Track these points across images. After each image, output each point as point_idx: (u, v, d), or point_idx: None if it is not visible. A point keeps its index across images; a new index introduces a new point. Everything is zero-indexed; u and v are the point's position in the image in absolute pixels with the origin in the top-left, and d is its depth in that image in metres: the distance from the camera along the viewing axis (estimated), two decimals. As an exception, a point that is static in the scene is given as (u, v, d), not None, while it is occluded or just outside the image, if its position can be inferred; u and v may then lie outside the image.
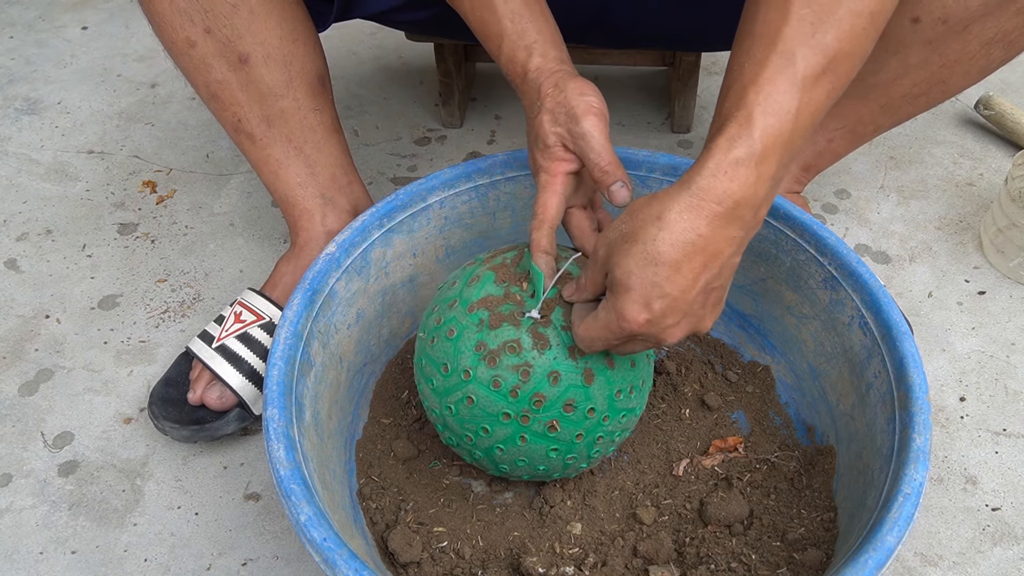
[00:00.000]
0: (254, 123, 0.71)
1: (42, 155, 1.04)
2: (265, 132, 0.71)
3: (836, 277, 0.64)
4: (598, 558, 0.60)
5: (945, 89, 0.70)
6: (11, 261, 0.91)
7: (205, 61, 0.67)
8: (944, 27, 0.64)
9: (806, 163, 0.81)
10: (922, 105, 0.72)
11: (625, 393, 0.56)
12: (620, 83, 1.15)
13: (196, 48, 0.66)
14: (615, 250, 0.47)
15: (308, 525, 0.47)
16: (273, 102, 0.70)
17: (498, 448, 0.56)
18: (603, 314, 0.49)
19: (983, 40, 0.65)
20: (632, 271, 0.46)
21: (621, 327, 0.47)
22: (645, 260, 0.45)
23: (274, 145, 0.72)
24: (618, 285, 0.47)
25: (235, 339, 0.71)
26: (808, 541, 0.59)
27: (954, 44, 0.65)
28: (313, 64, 0.72)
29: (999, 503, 0.69)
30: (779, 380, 0.72)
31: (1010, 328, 0.82)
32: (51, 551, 0.66)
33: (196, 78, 0.69)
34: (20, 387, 0.78)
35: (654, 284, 0.45)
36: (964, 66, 0.67)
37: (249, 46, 0.67)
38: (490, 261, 0.59)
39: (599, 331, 0.49)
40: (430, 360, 0.57)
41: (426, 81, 1.16)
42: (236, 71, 0.68)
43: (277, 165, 0.73)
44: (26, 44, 1.24)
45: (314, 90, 0.72)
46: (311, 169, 0.74)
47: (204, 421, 0.70)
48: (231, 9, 0.65)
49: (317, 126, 0.73)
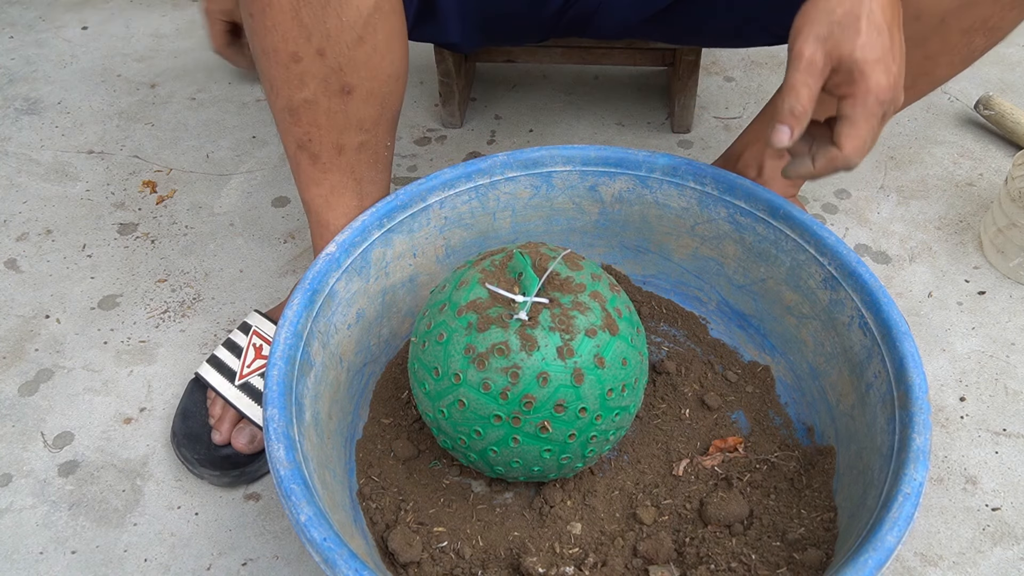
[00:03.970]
0: (325, 147, 0.67)
1: (42, 155, 1.04)
2: (333, 159, 0.68)
3: (836, 277, 0.64)
4: (598, 558, 0.60)
5: (931, 80, 0.69)
6: (11, 261, 0.91)
7: (301, 79, 0.63)
8: (919, 24, 0.64)
9: None
10: (910, 98, 0.71)
11: (617, 392, 0.56)
12: (620, 83, 1.15)
13: (299, 64, 0.62)
14: (837, 39, 0.51)
15: (308, 525, 0.47)
16: (355, 135, 0.66)
17: (492, 450, 0.56)
18: (858, 110, 0.52)
19: (962, 29, 0.64)
20: (870, 45, 0.50)
21: (880, 104, 0.51)
22: (876, 31, 0.50)
23: (336, 172, 0.69)
24: (864, 64, 0.50)
25: (260, 376, 0.70)
26: (808, 541, 0.59)
27: (933, 38, 0.65)
28: (398, 102, 0.69)
29: (999, 503, 0.69)
30: (779, 380, 0.72)
31: (1010, 328, 0.82)
32: (51, 551, 0.66)
33: (282, 90, 0.64)
34: (20, 387, 0.78)
35: (885, 49, 0.50)
36: (947, 57, 0.67)
37: (358, 80, 0.63)
38: (479, 264, 0.59)
39: (865, 126, 0.52)
40: (422, 364, 0.58)
41: (426, 81, 1.16)
42: (332, 98, 0.64)
43: (331, 191, 0.70)
44: (26, 44, 1.24)
45: (392, 126, 0.70)
46: (360, 202, 0.71)
47: (240, 464, 0.69)
48: (356, 41, 0.61)
49: (380, 162, 0.71)
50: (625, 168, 0.72)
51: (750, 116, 1.09)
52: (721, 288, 0.75)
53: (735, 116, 1.10)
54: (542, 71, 1.18)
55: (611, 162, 0.72)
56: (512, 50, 1.05)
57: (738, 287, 0.73)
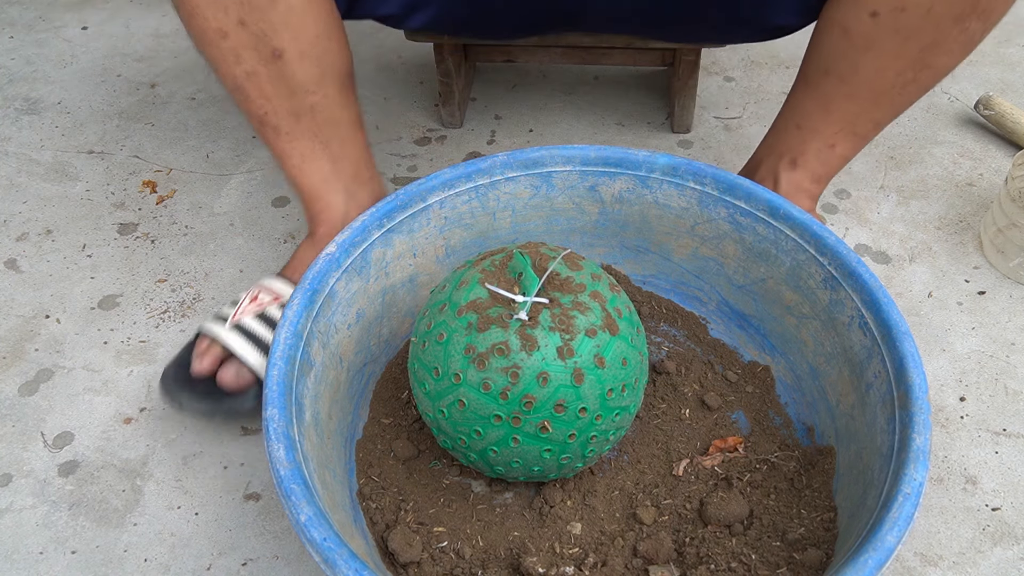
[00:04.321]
0: (281, 116, 0.70)
1: (42, 155, 1.04)
2: (292, 126, 0.71)
3: (836, 277, 0.64)
4: (598, 558, 0.60)
5: (934, 72, 0.68)
6: (11, 261, 0.91)
7: (235, 52, 0.66)
8: (905, 15, 0.62)
9: (814, 173, 0.78)
10: (915, 92, 0.70)
11: (617, 392, 0.56)
12: (620, 83, 1.15)
13: (227, 39, 0.65)
14: None
15: (308, 525, 0.47)
16: (303, 97, 0.69)
17: (492, 450, 0.56)
18: None
19: (954, 17, 0.62)
20: None
21: None
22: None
23: (300, 139, 0.72)
24: None
25: (252, 318, 0.70)
26: (808, 541, 0.59)
27: (924, 28, 0.63)
28: (343, 61, 0.71)
29: (999, 503, 0.69)
30: (779, 380, 0.72)
31: (1010, 328, 0.82)
32: (51, 551, 0.66)
33: (223, 69, 0.68)
34: (20, 387, 0.78)
35: None
36: (945, 46, 0.65)
37: (284, 41, 0.66)
38: (479, 264, 0.59)
39: None
40: (422, 364, 0.58)
41: (426, 81, 1.16)
42: (267, 65, 0.67)
43: (301, 159, 0.73)
44: (26, 44, 1.24)
45: (343, 87, 0.72)
46: (335, 164, 0.74)
47: (221, 397, 0.70)
48: (269, 3, 0.64)
49: (344, 122, 0.73)
50: (625, 168, 0.72)
51: (750, 116, 1.09)
52: (721, 288, 0.75)
53: (735, 116, 1.10)
54: (542, 71, 1.18)
55: (611, 162, 0.72)
56: (512, 50, 1.05)
57: (738, 287, 0.73)
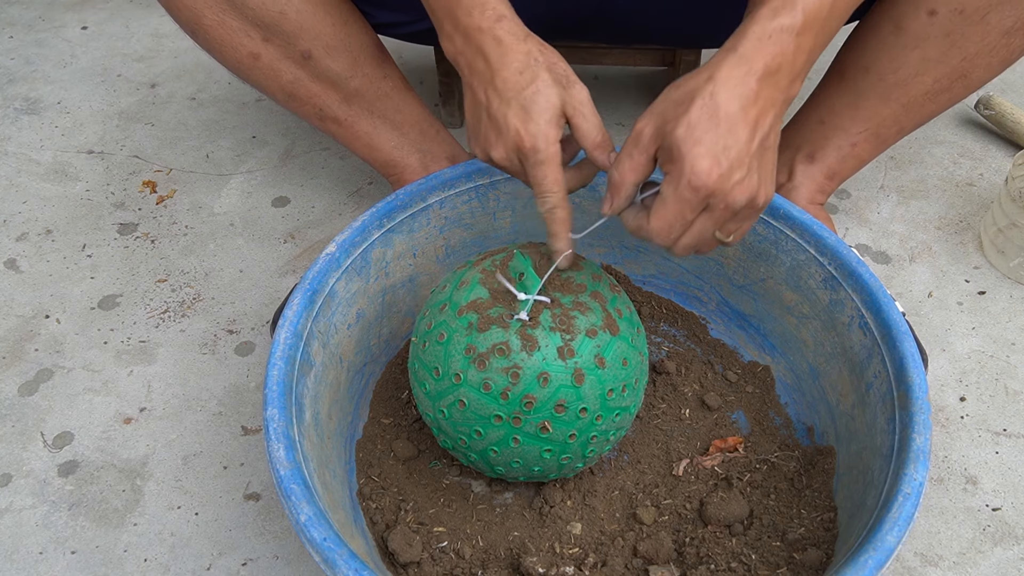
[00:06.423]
0: (335, 107, 0.74)
1: (42, 155, 1.04)
2: (347, 112, 0.75)
3: (836, 277, 0.64)
4: (598, 558, 0.60)
5: (967, 84, 0.69)
6: (11, 261, 0.91)
7: (273, 68, 0.71)
8: (961, 18, 0.63)
9: (830, 170, 0.78)
10: (944, 102, 0.71)
11: (617, 392, 0.56)
12: (620, 83, 1.15)
13: (261, 59, 0.70)
14: (669, 117, 0.47)
15: (308, 525, 0.47)
16: (346, 83, 0.73)
17: (492, 450, 0.56)
18: (670, 189, 0.47)
19: (1003, 30, 0.64)
20: (696, 125, 0.46)
21: (694, 190, 0.46)
22: (707, 113, 0.46)
23: (359, 121, 0.76)
24: (683, 144, 0.46)
25: None
26: (808, 541, 0.59)
27: (973, 36, 0.65)
28: (368, 37, 0.74)
29: (999, 503, 0.69)
30: (779, 380, 0.72)
31: (1010, 328, 0.82)
32: (51, 551, 0.66)
33: (270, 86, 0.72)
34: (20, 387, 0.78)
35: (718, 136, 0.46)
36: (985, 58, 0.66)
37: (307, 43, 0.69)
38: (480, 264, 0.59)
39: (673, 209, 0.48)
40: (422, 364, 0.58)
41: (426, 81, 1.16)
42: (303, 67, 0.71)
43: (368, 138, 0.77)
44: (26, 44, 1.24)
45: (377, 60, 0.75)
46: (400, 131, 0.78)
47: None
48: (279, 16, 0.67)
49: (391, 91, 0.76)
50: (625, 168, 0.72)
51: (750, 116, 1.09)
52: (721, 288, 0.75)
53: (735, 116, 1.09)
54: (542, 71, 1.18)
55: (611, 162, 0.72)
56: (512, 50, 1.05)
57: (738, 287, 0.73)
